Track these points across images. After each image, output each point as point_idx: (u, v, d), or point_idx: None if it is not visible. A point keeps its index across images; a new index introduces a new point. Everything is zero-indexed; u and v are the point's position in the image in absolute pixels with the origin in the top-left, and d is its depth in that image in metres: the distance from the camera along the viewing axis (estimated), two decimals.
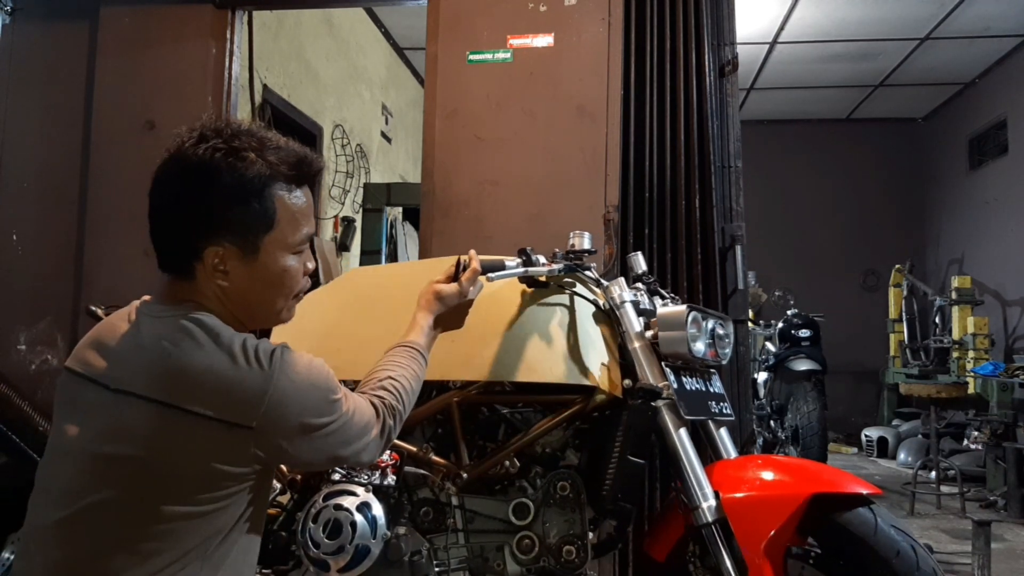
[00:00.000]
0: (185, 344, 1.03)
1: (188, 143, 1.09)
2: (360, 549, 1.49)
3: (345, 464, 1.22)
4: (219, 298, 1.11)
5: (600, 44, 2.58)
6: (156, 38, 2.94)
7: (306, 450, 1.09)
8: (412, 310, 1.70)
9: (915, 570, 1.35)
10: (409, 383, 1.30)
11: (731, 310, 2.46)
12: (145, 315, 1.10)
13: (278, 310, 1.18)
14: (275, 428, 1.05)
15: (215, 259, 1.08)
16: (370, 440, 1.18)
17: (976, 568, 2.95)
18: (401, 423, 1.27)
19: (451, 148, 2.63)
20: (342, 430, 1.12)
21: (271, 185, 1.10)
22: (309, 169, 1.15)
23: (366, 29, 6.00)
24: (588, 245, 1.67)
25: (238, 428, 1.02)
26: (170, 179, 1.10)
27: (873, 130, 8.69)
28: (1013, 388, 4.93)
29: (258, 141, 1.10)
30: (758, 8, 5.94)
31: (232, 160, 1.07)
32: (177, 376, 1.01)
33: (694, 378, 1.64)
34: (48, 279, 2.95)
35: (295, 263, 1.16)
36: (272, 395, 1.03)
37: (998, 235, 7.11)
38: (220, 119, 1.13)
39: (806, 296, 7.35)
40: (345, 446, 1.14)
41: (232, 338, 1.05)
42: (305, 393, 1.07)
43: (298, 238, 1.15)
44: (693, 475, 1.49)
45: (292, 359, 1.08)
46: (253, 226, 1.09)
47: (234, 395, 1.02)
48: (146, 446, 1.01)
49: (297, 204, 1.14)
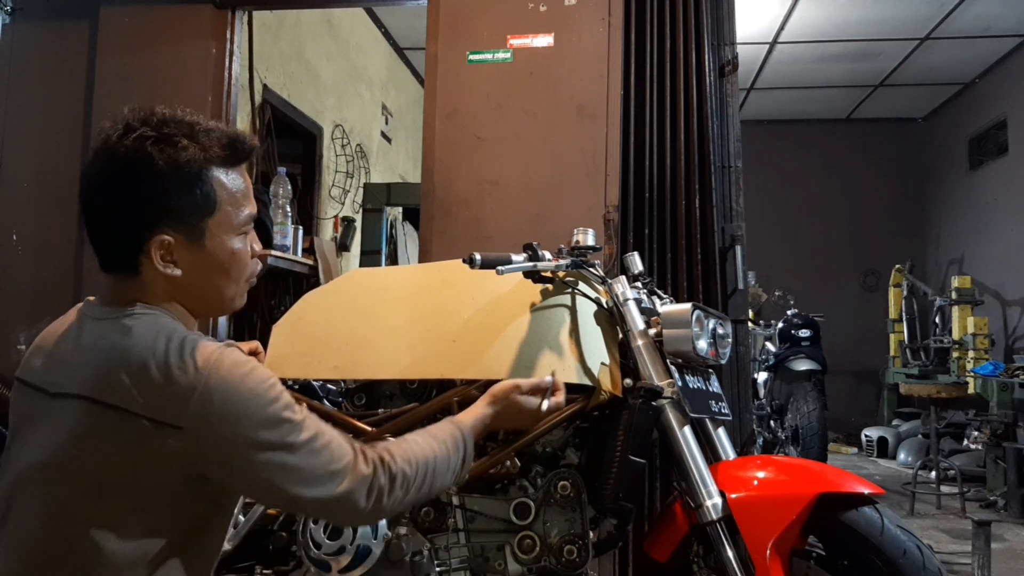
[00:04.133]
0: (122, 342, 1.00)
1: (115, 135, 1.05)
2: (361, 549, 1.49)
3: (305, 513, 1.10)
4: (168, 292, 1.08)
5: (600, 44, 2.58)
6: (156, 38, 2.94)
7: (245, 471, 0.99)
8: (413, 311, 1.71)
9: (921, 569, 1.35)
10: (434, 458, 1.17)
11: (731, 310, 2.46)
12: (88, 317, 1.08)
13: (230, 296, 1.15)
14: (207, 432, 0.97)
15: (161, 250, 1.05)
16: (341, 491, 1.03)
17: (976, 568, 2.95)
18: (407, 497, 1.12)
19: (451, 148, 2.63)
20: (296, 460, 1.00)
21: (207, 168, 1.07)
22: (243, 148, 1.12)
23: (366, 29, 6.00)
24: (592, 242, 1.67)
25: (166, 427, 0.96)
26: (102, 174, 1.06)
27: (873, 130, 8.69)
28: (1013, 388, 4.93)
29: (188, 126, 1.07)
30: (758, 8, 5.95)
31: (164, 147, 1.04)
32: (110, 373, 0.98)
33: (696, 377, 1.64)
34: (48, 279, 2.95)
35: (242, 245, 1.13)
36: (202, 392, 0.96)
37: (998, 235, 7.11)
38: (141, 108, 1.08)
39: (806, 296, 7.34)
40: (299, 484, 1.00)
41: (171, 335, 1.01)
42: (242, 397, 0.98)
43: (242, 218, 1.12)
44: (698, 472, 1.48)
45: (230, 359, 1.00)
46: (195, 211, 1.07)
47: (162, 391, 0.97)
48: (76, 445, 0.98)
49: (236, 185, 1.11)
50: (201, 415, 0.97)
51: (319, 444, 1.03)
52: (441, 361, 1.59)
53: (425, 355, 1.61)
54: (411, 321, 1.68)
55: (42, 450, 1.01)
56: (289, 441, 1.00)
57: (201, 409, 0.96)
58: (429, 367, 1.60)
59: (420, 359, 1.61)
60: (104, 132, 1.07)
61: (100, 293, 1.11)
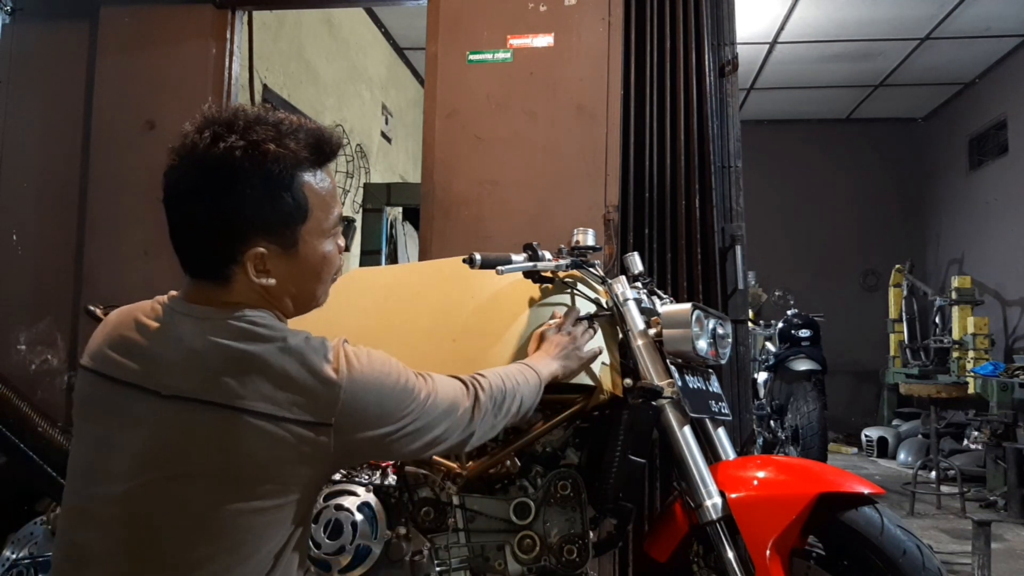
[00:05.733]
0: (251, 346, 1.00)
1: (202, 144, 1.02)
2: (361, 549, 1.49)
3: (442, 448, 1.19)
4: (262, 297, 1.07)
5: (600, 44, 2.58)
6: (156, 38, 2.94)
7: (389, 448, 1.09)
8: (413, 311, 1.71)
9: (921, 569, 1.35)
10: (514, 381, 1.32)
11: (731, 310, 2.46)
12: (184, 315, 1.05)
13: (319, 296, 1.16)
14: (356, 421, 1.03)
15: (255, 261, 1.04)
16: (457, 418, 1.19)
17: (976, 568, 2.95)
18: (501, 411, 1.28)
19: (451, 148, 2.63)
20: (426, 412, 1.13)
21: (298, 175, 1.05)
22: (329, 147, 1.11)
23: (366, 29, 6.00)
24: (592, 242, 1.67)
25: (318, 427, 1.00)
26: (191, 185, 1.03)
27: (873, 130, 8.70)
28: (1013, 388, 4.93)
29: (274, 129, 1.05)
30: (758, 8, 5.95)
31: (255, 156, 1.02)
32: (247, 379, 0.98)
33: (696, 377, 1.64)
34: (48, 279, 2.94)
35: (332, 247, 1.13)
36: (346, 389, 1.02)
37: (998, 235, 7.11)
38: (223, 109, 1.06)
39: (806, 296, 7.34)
40: (431, 430, 1.14)
41: (295, 336, 1.03)
42: (378, 385, 1.06)
43: (331, 221, 1.12)
44: (698, 472, 1.48)
45: (352, 351, 1.07)
46: (288, 221, 1.05)
47: (308, 393, 1.00)
48: (208, 453, 0.97)
49: (324, 187, 1.10)
50: (350, 410, 1.03)
51: (436, 389, 1.16)
52: (441, 361, 1.58)
53: (425, 355, 1.61)
54: (411, 320, 1.68)
55: (167, 453, 0.99)
56: (418, 405, 1.12)
57: (349, 405, 1.02)
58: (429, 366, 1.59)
59: (420, 359, 1.60)
60: (189, 137, 1.04)
61: (187, 291, 1.08)
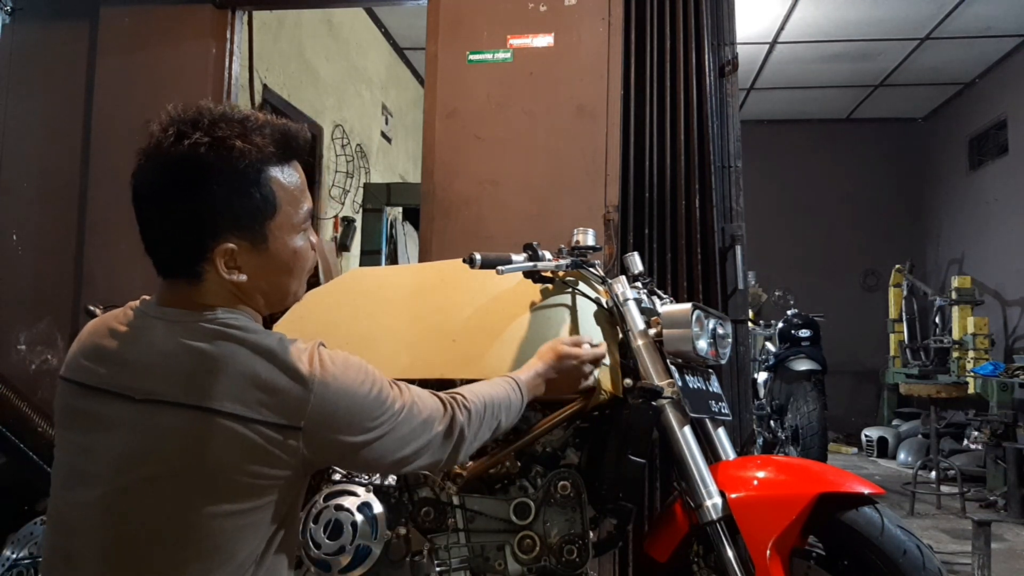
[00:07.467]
0: (222, 347, 1.00)
1: (167, 142, 1.02)
2: (361, 549, 1.49)
3: (414, 466, 1.17)
4: (234, 295, 1.08)
5: (600, 44, 2.58)
6: (156, 38, 2.94)
7: (358, 456, 1.07)
8: (413, 311, 1.71)
9: (921, 569, 1.34)
10: (494, 400, 1.30)
11: (731, 310, 2.46)
12: (156, 318, 1.05)
13: (293, 291, 1.16)
14: (326, 429, 1.03)
15: (225, 258, 1.04)
16: (432, 437, 1.16)
17: (976, 568, 2.95)
18: (480, 431, 1.26)
19: (451, 148, 2.63)
20: (399, 425, 1.11)
21: (264, 170, 1.05)
22: (296, 143, 1.11)
23: (366, 29, 6.00)
24: (592, 242, 1.67)
25: (287, 429, 1.00)
26: (157, 184, 1.04)
27: (873, 130, 8.70)
28: (1013, 388, 4.93)
29: (239, 125, 1.05)
30: (758, 8, 5.95)
31: (221, 152, 1.02)
32: (217, 380, 0.98)
33: (696, 377, 1.64)
34: (48, 279, 2.95)
35: (303, 242, 1.13)
36: (317, 393, 1.01)
37: (998, 235, 7.11)
38: (187, 108, 1.05)
39: (806, 296, 7.34)
40: (403, 447, 1.12)
41: (269, 337, 1.03)
42: (350, 391, 1.05)
43: (301, 216, 1.12)
44: (698, 472, 1.48)
45: (328, 355, 1.06)
46: (256, 216, 1.05)
47: (279, 395, 1.00)
48: (180, 455, 0.98)
49: (293, 182, 1.10)
50: (319, 414, 1.02)
51: (412, 402, 1.14)
52: (441, 361, 1.59)
53: (425, 355, 1.61)
54: (411, 321, 1.68)
55: (140, 456, 0.99)
56: (390, 416, 1.10)
57: (319, 409, 1.02)
58: (429, 367, 1.60)
59: (420, 359, 1.61)
60: (155, 137, 1.04)
61: (159, 294, 1.08)
